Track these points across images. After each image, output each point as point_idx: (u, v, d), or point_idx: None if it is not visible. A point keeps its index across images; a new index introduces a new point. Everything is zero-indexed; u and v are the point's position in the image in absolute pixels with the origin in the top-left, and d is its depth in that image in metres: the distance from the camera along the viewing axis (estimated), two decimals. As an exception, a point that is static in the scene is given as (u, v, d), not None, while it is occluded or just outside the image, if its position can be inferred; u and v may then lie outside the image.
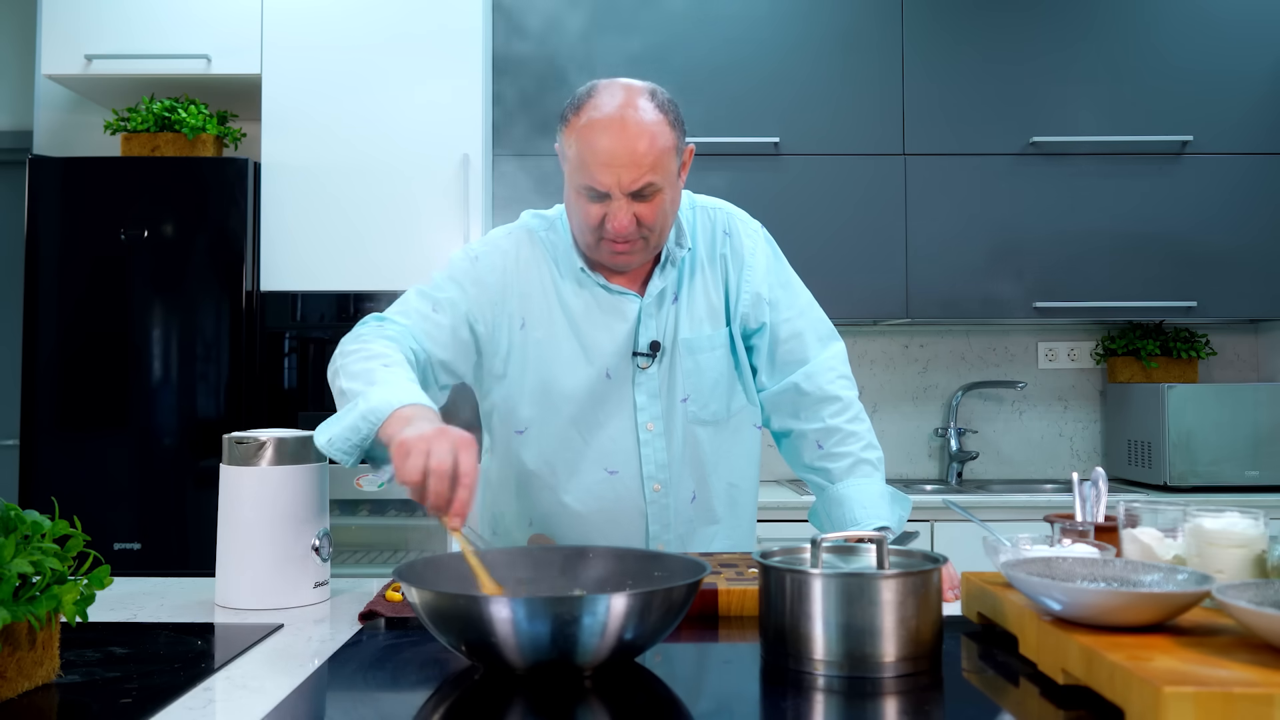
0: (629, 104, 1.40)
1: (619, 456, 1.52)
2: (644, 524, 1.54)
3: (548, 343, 1.52)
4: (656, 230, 1.45)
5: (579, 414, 1.52)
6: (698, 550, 1.57)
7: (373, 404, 1.26)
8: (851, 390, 1.61)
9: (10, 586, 0.93)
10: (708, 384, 1.56)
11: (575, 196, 1.44)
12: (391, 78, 2.82)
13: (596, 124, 1.39)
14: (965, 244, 3.02)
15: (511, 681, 0.99)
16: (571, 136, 1.42)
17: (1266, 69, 3.05)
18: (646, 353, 1.53)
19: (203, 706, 0.94)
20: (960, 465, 3.26)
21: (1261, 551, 1.06)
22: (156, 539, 2.69)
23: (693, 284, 1.57)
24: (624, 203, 1.40)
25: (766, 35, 3.05)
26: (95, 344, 2.72)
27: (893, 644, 0.99)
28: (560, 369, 1.52)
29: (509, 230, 1.60)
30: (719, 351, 1.57)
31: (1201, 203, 3.03)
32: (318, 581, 1.38)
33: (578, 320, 1.53)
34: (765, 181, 3.01)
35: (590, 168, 1.39)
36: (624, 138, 1.38)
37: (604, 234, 1.43)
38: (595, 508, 1.53)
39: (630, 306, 1.53)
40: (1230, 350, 3.38)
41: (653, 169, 1.39)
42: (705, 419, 1.57)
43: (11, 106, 3.41)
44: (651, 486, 1.53)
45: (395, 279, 2.77)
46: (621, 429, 1.53)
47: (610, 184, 1.39)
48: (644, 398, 1.53)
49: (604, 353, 1.52)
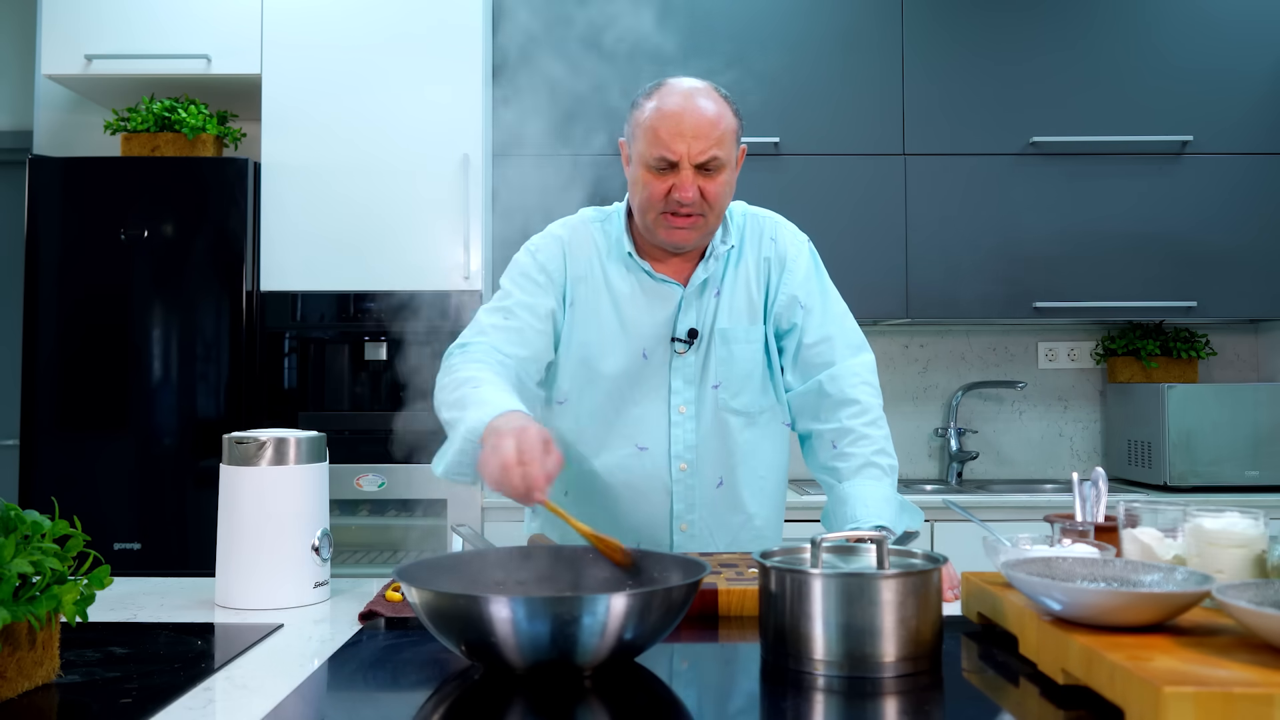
0: (698, 89, 1.55)
1: (649, 434, 1.61)
2: (669, 501, 1.61)
3: (592, 321, 1.62)
4: (715, 209, 1.55)
5: (615, 390, 1.61)
6: (726, 536, 1.64)
7: (470, 425, 1.35)
8: (874, 397, 1.64)
9: (10, 586, 0.93)
10: (740, 374, 1.63)
11: (644, 173, 1.54)
12: (391, 78, 2.82)
13: (671, 101, 1.52)
14: (965, 244, 3.03)
15: (511, 681, 0.99)
16: (643, 116, 1.54)
17: (1266, 69, 3.05)
18: (684, 339, 1.61)
19: (203, 706, 0.94)
20: (960, 465, 3.26)
21: (1261, 551, 1.06)
22: (156, 539, 2.69)
23: (735, 280, 1.65)
24: (691, 173, 1.51)
25: (766, 35, 3.05)
26: (95, 344, 2.72)
27: (893, 644, 1.00)
28: (601, 347, 1.61)
29: (565, 221, 1.70)
30: (754, 346, 1.64)
31: (1201, 203, 3.03)
32: (318, 581, 1.38)
33: (622, 302, 1.62)
34: (765, 181, 3.01)
35: (663, 137, 1.50)
36: (695, 111, 1.51)
37: (668, 207, 1.53)
38: (623, 480, 1.61)
39: (673, 294, 1.62)
40: (1230, 350, 3.38)
41: (719, 143, 1.51)
42: (736, 408, 1.63)
43: (11, 106, 3.41)
44: (678, 465, 1.61)
45: (395, 279, 2.78)
46: (654, 409, 1.61)
47: (681, 152, 1.50)
48: (679, 382, 1.62)
49: (643, 335, 1.61)
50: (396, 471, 2.76)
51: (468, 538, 1.28)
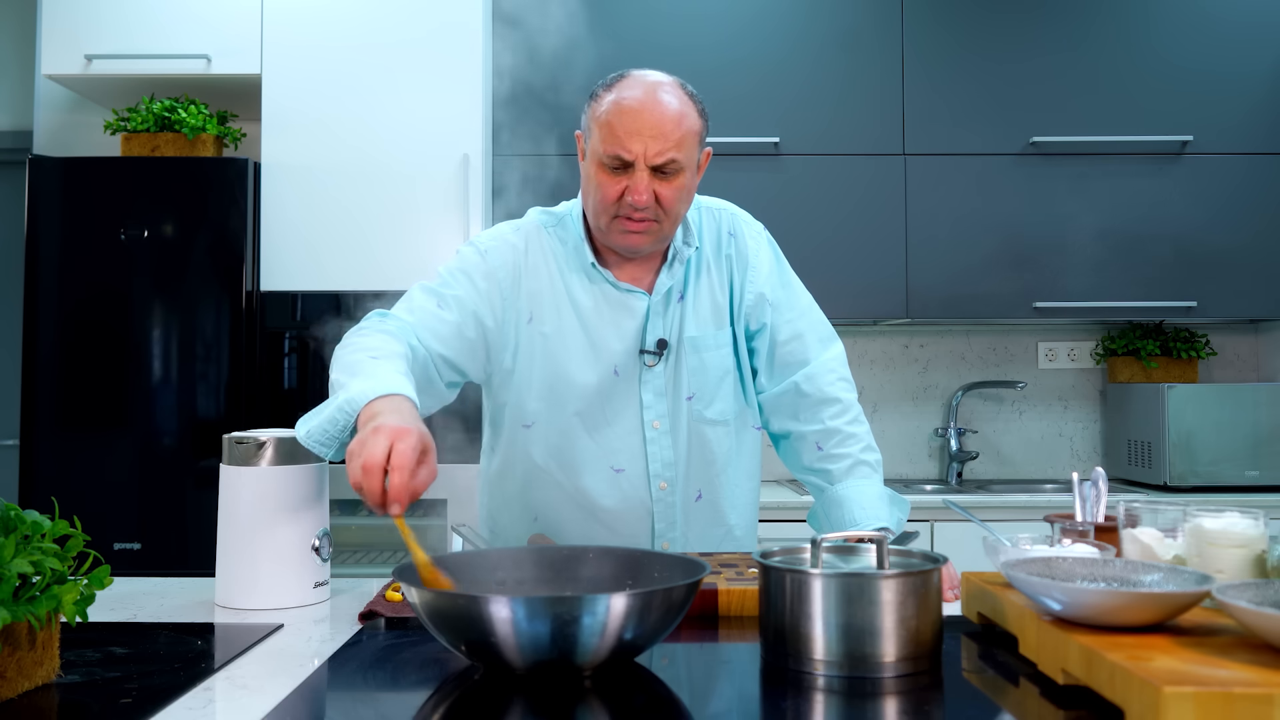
0: (662, 85, 1.45)
1: (625, 454, 1.54)
2: (650, 522, 1.55)
3: (556, 338, 1.53)
4: (671, 215, 1.47)
5: (586, 410, 1.53)
6: (708, 549, 1.58)
7: (351, 394, 1.25)
8: (851, 392, 1.62)
9: (10, 586, 0.93)
10: (712, 382, 1.57)
11: (597, 171, 1.46)
12: (391, 78, 2.82)
13: (629, 96, 1.43)
14: (965, 244, 3.02)
15: (511, 681, 0.99)
16: (601, 109, 1.45)
17: (1266, 69, 3.05)
18: (654, 351, 1.54)
19: (203, 706, 0.94)
20: (960, 465, 3.26)
21: (1261, 551, 1.06)
22: (156, 539, 2.69)
23: (698, 283, 1.58)
24: (646, 175, 1.42)
25: (766, 35, 3.05)
26: (95, 344, 2.72)
27: (893, 644, 0.99)
28: (569, 364, 1.53)
29: (516, 225, 1.61)
30: (724, 350, 1.58)
31: (1201, 203, 3.03)
32: (318, 581, 1.38)
33: (587, 317, 1.54)
34: (765, 181, 3.01)
35: (619, 135, 1.41)
36: (656, 108, 1.42)
37: (620, 210, 1.45)
38: (601, 505, 1.54)
39: (639, 304, 1.54)
40: (1230, 350, 3.38)
41: (678, 145, 1.42)
42: (711, 418, 1.57)
43: (11, 106, 3.41)
44: (658, 485, 1.55)
45: (395, 279, 2.77)
46: (628, 427, 1.54)
47: (637, 152, 1.41)
48: (650, 395, 1.55)
49: (612, 350, 1.53)
50: (396, 471, 2.75)
51: (468, 538, 1.28)
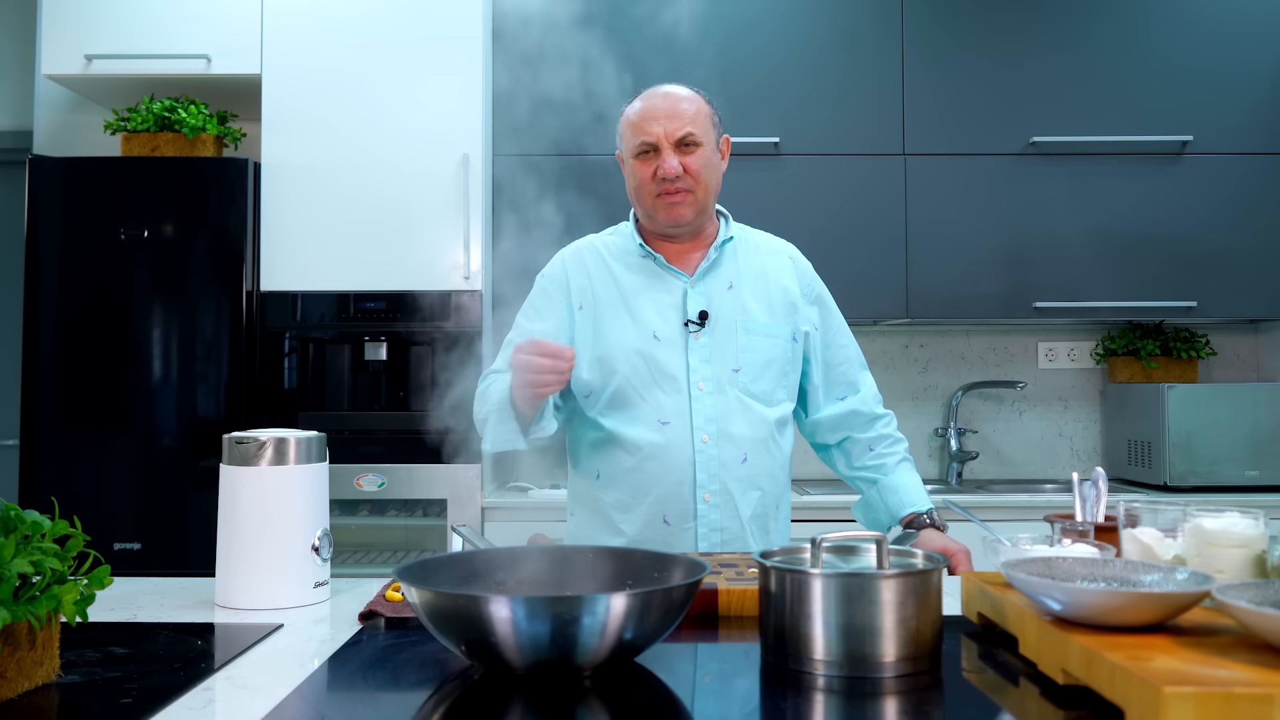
0: (673, 86, 1.75)
1: (672, 409, 1.70)
2: (693, 471, 1.69)
3: (600, 314, 1.75)
4: (701, 183, 1.71)
5: (631, 373, 1.71)
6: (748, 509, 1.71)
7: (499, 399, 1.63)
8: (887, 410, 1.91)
9: (10, 586, 0.93)
10: (759, 362, 1.73)
11: (633, 163, 1.73)
12: (391, 78, 2.82)
13: (646, 97, 1.74)
14: (965, 244, 3.02)
15: (511, 681, 0.99)
16: (626, 116, 1.75)
17: (1266, 69, 3.05)
18: (697, 321, 1.72)
19: (203, 706, 0.94)
20: (960, 465, 3.26)
21: (1261, 551, 1.06)
22: (156, 539, 2.69)
23: (756, 273, 1.79)
24: (671, 151, 1.69)
25: (766, 35, 3.05)
26: (95, 344, 2.72)
27: (893, 644, 0.99)
28: (610, 333, 1.73)
29: (571, 244, 1.88)
30: (776, 340, 1.76)
31: (1201, 203, 3.03)
32: (318, 581, 1.38)
33: (628, 293, 1.75)
34: (765, 181, 3.01)
35: (641, 125, 1.70)
36: (668, 97, 1.72)
37: (658, 187, 1.70)
38: (648, 453, 1.69)
39: (677, 281, 1.76)
40: (1230, 350, 3.38)
41: (693, 121, 1.70)
42: (755, 393, 1.73)
43: (11, 106, 3.41)
44: (700, 437, 1.69)
45: (395, 279, 2.78)
46: (674, 386, 1.71)
47: (658, 134, 1.69)
48: (696, 360, 1.72)
49: (654, 320, 1.73)
50: (396, 471, 2.76)
51: (468, 538, 1.28)
